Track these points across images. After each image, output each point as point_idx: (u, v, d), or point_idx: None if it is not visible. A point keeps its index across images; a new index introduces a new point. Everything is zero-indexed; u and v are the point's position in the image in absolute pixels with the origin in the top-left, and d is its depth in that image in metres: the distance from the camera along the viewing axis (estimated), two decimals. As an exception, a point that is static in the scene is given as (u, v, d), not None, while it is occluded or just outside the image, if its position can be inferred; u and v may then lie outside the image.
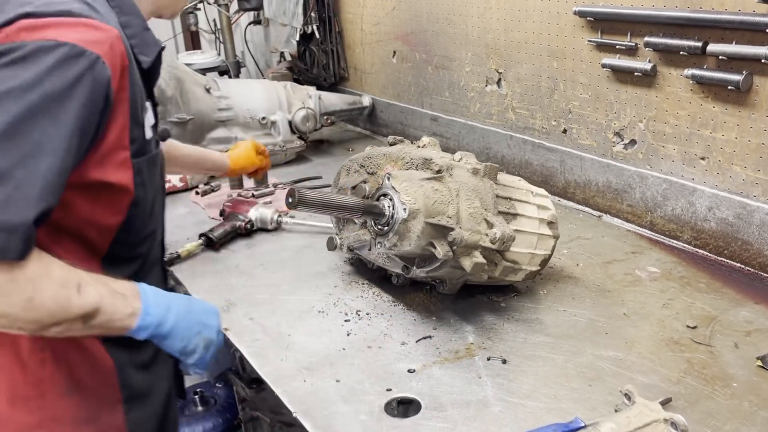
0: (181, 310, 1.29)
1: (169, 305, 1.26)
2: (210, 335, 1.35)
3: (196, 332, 1.31)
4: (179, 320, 1.27)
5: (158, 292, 1.27)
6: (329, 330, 1.68)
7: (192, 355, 1.31)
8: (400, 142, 1.89)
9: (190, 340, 1.30)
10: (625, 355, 1.53)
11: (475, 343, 1.60)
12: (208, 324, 1.35)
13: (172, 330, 1.26)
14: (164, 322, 1.24)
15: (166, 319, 1.24)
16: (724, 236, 1.94)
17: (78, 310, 1.10)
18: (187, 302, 1.33)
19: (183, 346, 1.28)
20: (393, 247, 1.58)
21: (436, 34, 2.88)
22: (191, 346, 1.30)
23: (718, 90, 1.86)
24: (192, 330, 1.30)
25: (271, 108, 2.99)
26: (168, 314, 1.25)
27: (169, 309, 1.26)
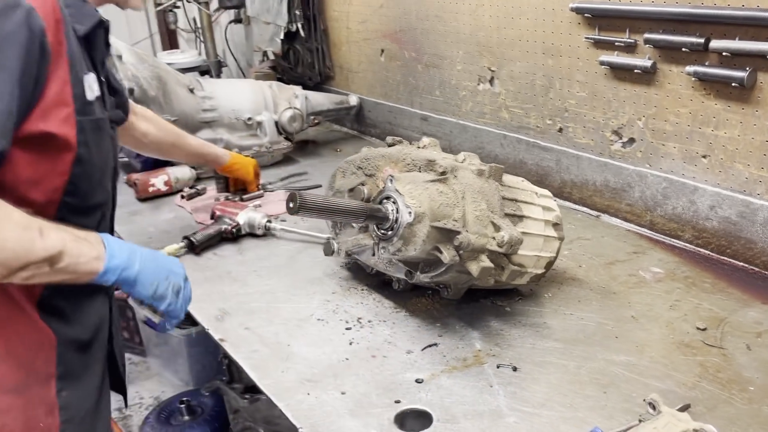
0: (146, 255, 1.33)
1: (132, 250, 1.31)
2: (178, 281, 1.39)
3: (164, 277, 1.35)
4: (145, 264, 1.31)
5: (120, 240, 1.31)
6: (330, 339, 1.61)
7: (163, 300, 1.35)
8: (399, 143, 1.83)
9: (159, 284, 1.34)
10: (638, 359, 1.49)
11: (482, 350, 1.54)
12: (174, 270, 1.40)
13: (140, 273, 1.29)
14: (130, 265, 1.28)
15: (132, 262, 1.28)
16: (726, 235, 1.91)
17: (42, 252, 1.13)
18: (150, 251, 1.37)
19: (153, 290, 1.33)
20: (397, 252, 1.52)
21: (426, 32, 2.82)
22: (161, 291, 1.34)
23: (720, 87, 1.83)
24: (159, 274, 1.34)
25: (257, 108, 2.91)
26: (133, 258, 1.29)
27: (133, 252, 1.30)
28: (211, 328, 1.69)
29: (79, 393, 1.38)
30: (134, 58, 2.59)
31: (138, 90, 2.52)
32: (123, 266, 1.26)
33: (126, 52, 2.58)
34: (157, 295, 1.34)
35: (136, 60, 2.58)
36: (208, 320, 1.73)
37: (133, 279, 1.29)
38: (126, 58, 2.56)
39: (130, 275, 1.28)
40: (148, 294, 1.32)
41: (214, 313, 1.76)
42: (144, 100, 2.54)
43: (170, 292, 1.37)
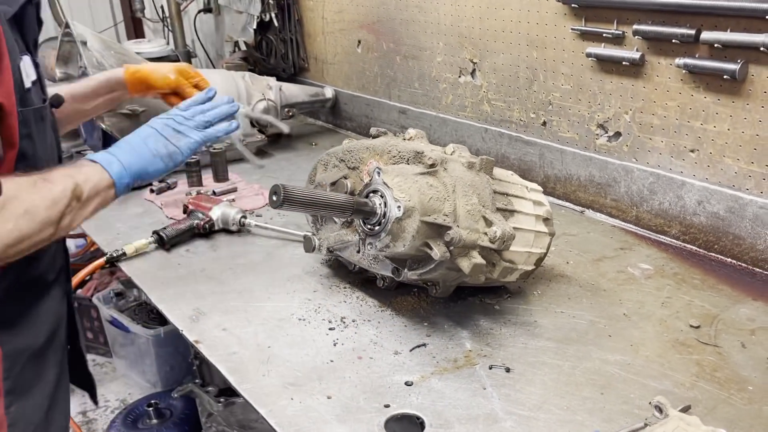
0: (128, 140, 1.44)
1: (116, 149, 1.39)
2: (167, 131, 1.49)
3: (156, 141, 1.46)
4: (134, 147, 1.42)
5: (102, 152, 1.38)
6: (313, 340, 1.53)
7: (175, 155, 1.48)
8: (384, 134, 1.76)
9: (160, 150, 1.45)
10: (633, 358, 1.44)
11: (473, 351, 1.48)
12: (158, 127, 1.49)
13: (139, 157, 1.41)
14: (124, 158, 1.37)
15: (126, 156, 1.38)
16: (714, 231, 1.89)
17: (64, 193, 1.19)
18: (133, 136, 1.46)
19: (163, 164, 1.46)
20: (385, 249, 1.44)
21: (405, 23, 2.75)
22: (165, 151, 1.46)
23: (710, 80, 1.80)
24: (151, 144, 1.45)
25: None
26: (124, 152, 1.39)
27: (119, 149, 1.40)
28: (185, 330, 1.59)
29: (30, 403, 1.28)
30: (99, 45, 2.45)
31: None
32: (126, 162, 1.36)
33: (91, 37, 2.45)
34: (174, 156, 1.47)
35: (101, 47, 2.45)
36: (182, 321, 1.63)
37: (143, 166, 1.40)
38: (91, 44, 2.43)
39: (137, 167, 1.38)
40: (162, 169, 1.45)
41: (189, 313, 1.66)
42: (110, 88, 2.41)
43: (171, 145, 1.47)
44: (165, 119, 1.51)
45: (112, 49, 2.48)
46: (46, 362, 1.33)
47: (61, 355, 1.40)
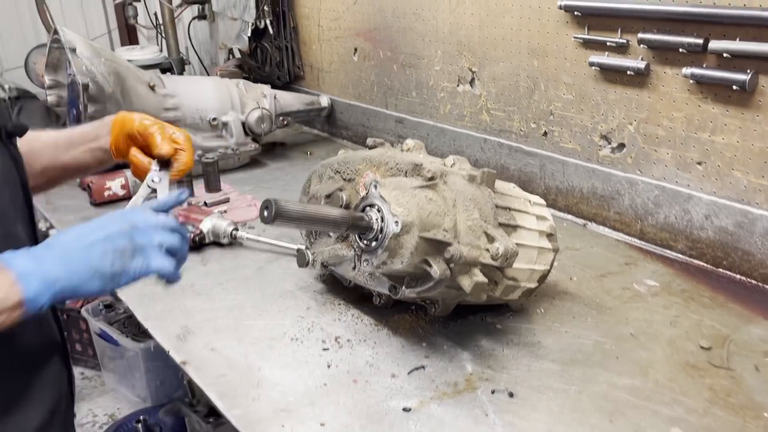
0: (65, 242, 1.03)
1: (45, 253, 1.01)
2: (119, 243, 1.03)
3: (103, 253, 1.02)
4: (70, 255, 1.01)
5: (25, 250, 1.01)
6: (306, 361, 1.46)
7: (123, 276, 1.05)
8: (381, 145, 1.69)
9: (104, 266, 1.02)
10: (642, 382, 1.37)
11: (474, 374, 1.41)
12: (111, 233, 1.04)
13: (72, 272, 1.00)
14: (51, 269, 0.98)
15: (53, 263, 0.99)
16: (722, 246, 1.82)
17: None
18: (74, 231, 1.05)
19: (100, 283, 1.02)
20: (382, 266, 1.37)
21: (402, 31, 2.69)
22: (107, 272, 1.02)
23: (719, 90, 1.74)
24: (96, 257, 1.01)
25: (223, 108, 2.73)
26: (50, 257, 1.00)
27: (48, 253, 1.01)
28: (172, 350, 1.52)
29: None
30: (89, 52, 2.39)
31: (93, 86, 2.32)
32: (49, 279, 0.97)
33: (80, 44, 2.38)
34: (106, 279, 1.02)
35: (91, 54, 2.38)
36: (168, 340, 1.55)
37: (73, 286, 0.99)
38: (80, 51, 2.36)
39: (65, 285, 0.98)
40: (98, 289, 1.02)
41: (176, 331, 1.59)
42: (100, 97, 2.34)
43: (117, 264, 1.02)
44: (127, 219, 1.07)
45: (102, 57, 2.42)
46: (35, 380, 1.19)
47: (64, 429, 1.28)
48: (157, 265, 1.08)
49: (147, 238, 1.07)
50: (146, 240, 1.07)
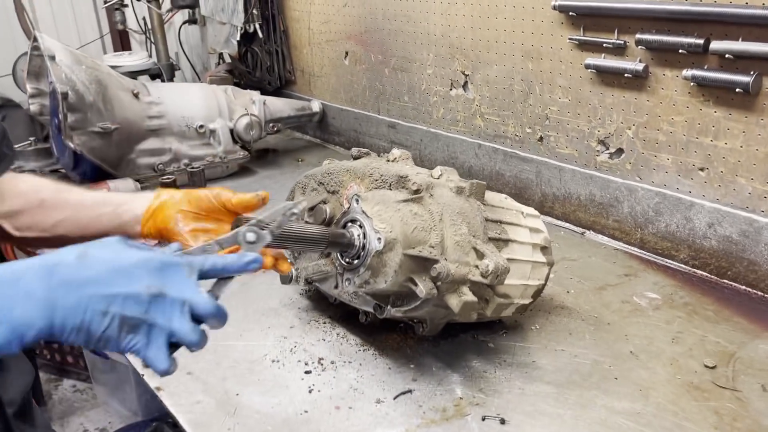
0: (62, 278, 0.81)
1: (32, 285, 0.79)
2: (132, 311, 0.83)
3: (98, 312, 0.81)
4: (62, 308, 0.79)
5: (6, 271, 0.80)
6: (286, 386, 1.38)
7: (108, 344, 0.82)
8: (366, 155, 1.61)
9: (90, 329, 0.80)
10: (643, 406, 1.29)
11: (464, 398, 1.33)
12: (129, 293, 0.83)
13: (54, 326, 0.79)
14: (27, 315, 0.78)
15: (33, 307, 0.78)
16: (727, 256, 1.74)
17: None
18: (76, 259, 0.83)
19: (84, 339, 0.80)
20: (364, 285, 1.29)
21: (393, 33, 2.61)
22: (96, 337, 0.81)
23: (720, 93, 1.66)
24: (88, 312, 0.80)
25: (210, 115, 2.66)
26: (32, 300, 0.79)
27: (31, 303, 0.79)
28: (146, 374, 1.44)
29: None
30: (69, 59, 2.31)
31: (73, 95, 2.25)
32: (21, 327, 0.77)
33: (60, 51, 2.31)
34: (93, 339, 0.81)
35: (71, 61, 2.31)
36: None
37: (50, 334, 0.79)
38: (60, 58, 2.29)
39: (40, 332, 0.78)
40: (76, 343, 0.81)
41: (152, 353, 1.51)
42: (80, 106, 2.27)
43: (113, 330, 0.82)
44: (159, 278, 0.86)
45: (83, 64, 2.34)
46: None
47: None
48: (151, 358, 0.87)
49: (164, 319, 0.85)
50: (162, 321, 0.85)
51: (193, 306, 0.88)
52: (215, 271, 0.94)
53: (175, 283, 0.87)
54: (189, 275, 0.89)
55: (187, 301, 0.87)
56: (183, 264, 0.89)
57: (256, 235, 1.01)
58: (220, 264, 0.94)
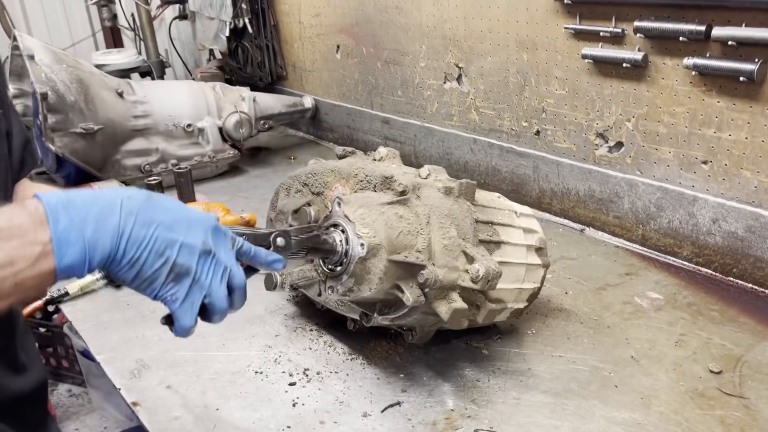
0: (131, 208, 0.83)
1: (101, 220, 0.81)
2: (185, 260, 0.85)
3: (158, 251, 0.83)
4: (128, 232, 0.82)
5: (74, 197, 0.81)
6: (269, 399, 1.31)
7: (152, 283, 0.85)
8: (351, 154, 1.54)
9: (144, 264, 0.83)
10: (644, 416, 1.22)
11: (456, 410, 1.26)
12: (183, 238, 0.85)
13: (117, 250, 0.81)
14: (99, 245, 0.79)
15: (103, 238, 0.80)
16: (732, 252, 1.66)
17: None
18: (146, 199, 0.85)
19: (134, 273, 0.83)
20: (348, 293, 1.22)
21: (385, 25, 2.53)
22: (146, 275, 0.83)
23: (724, 82, 1.58)
24: (149, 246, 0.83)
25: (198, 113, 2.59)
26: (105, 230, 0.80)
27: (103, 224, 0.80)
28: (123, 388, 1.38)
29: None
30: (50, 58, 2.24)
31: (53, 95, 2.18)
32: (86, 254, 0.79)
33: (40, 50, 2.24)
34: (141, 277, 0.84)
35: (51, 60, 2.24)
36: (121, 377, 1.42)
37: (105, 261, 0.81)
38: (39, 57, 2.22)
39: (101, 258, 0.80)
40: (129, 278, 0.84)
41: (131, 366, 1.44)
42: (61, 106, 2.20)
43: (162, 275, 0.84)
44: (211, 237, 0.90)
45: (64, 63, 2.27)
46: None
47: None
48: (182, 313, 0.89)
49: (207, 278, 0.89)
50: (204, 279, 0.88)
51: (232, 275, 0.92)
52: (247, 256, 0.98)
53: (221, 248, 0.91)
54: (231, 248, 0.94)
55: (229, 267, 0.92)
56: (229, 235, 0.94)
57: (285, 241, 1.07)
58: (252, 251, 0.99)
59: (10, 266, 0.75)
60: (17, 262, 0.75)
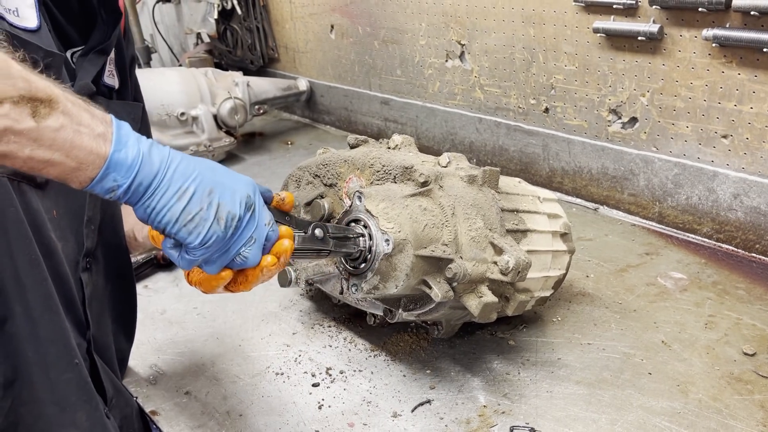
0: (179, 156, 0.84)
1: (155, 145, 0.83)
2: (231, 206, 0.84)
3: (205, 189, 0.82)
4: (176, 163, 0.82)
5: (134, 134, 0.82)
6: (293, 402, 1.27)
7: (193, 230, 0.81)
8: (364, 143, 1.47)
9: (192, 198, 0.81)
10: (683, 404, 1.19)
11: (488, 406, 1.22)
12: (230, 186, 0.85)
13: (165, 176, 0.80)
14: (150, 160, 0.79)
15: (154, 156, 0.80)
16: (755, 228, 1.63)
17: (22, 83, 0.70)
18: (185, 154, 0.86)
19: (181, 207, 0.80)
20: (373, 290, 1.17)
21: (381, 3, 2.45)
22: (194, 211, 0.81)
23: (745, 53, 1.53)
24: (196, 181, 0.81)
25: (191, 101, 2.50)
26: (157, 152, 0.81)
27: (156, 148, 0.82)
28: (140, 397, 1.32)
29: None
30: (35, 50, 2.14)
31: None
32: (137, 158, 0.78)
33: (24, 42, 2.13)
34: (185, 219, 0.81)
35: (37, 52, 2.14)
36: (137, 384, 1.36)
37: (150, 182, 0.79)
38: (24, 50, 2.11)
39: (147, 175, 0.79)
40: (169, 212, 0.80)
41: (146, 372, 1.39)
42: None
43: (209, 219, 0.81)
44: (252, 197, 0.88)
45: (50, 54, 2.17)
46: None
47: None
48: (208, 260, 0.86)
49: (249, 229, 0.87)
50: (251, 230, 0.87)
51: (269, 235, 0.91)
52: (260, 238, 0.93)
53: (260, 208, 0.90)
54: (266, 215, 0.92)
55: (267, 225, 0.90)
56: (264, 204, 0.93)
57: (323, 234, 1.04)
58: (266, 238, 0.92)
59: (77, 123, 0.75)
60: (83, 125, 0.75)
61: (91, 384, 0.98)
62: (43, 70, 0.79)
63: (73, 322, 1.00)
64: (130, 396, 1.17)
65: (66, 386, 0.93)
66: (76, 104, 0.76)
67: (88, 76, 1.13)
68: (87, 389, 0.97)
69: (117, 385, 1.12)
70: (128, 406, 1.14)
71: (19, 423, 0.90)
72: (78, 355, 0.96)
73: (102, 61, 1.17)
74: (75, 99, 0.77)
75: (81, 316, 1.03)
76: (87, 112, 0.77)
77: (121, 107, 1.24)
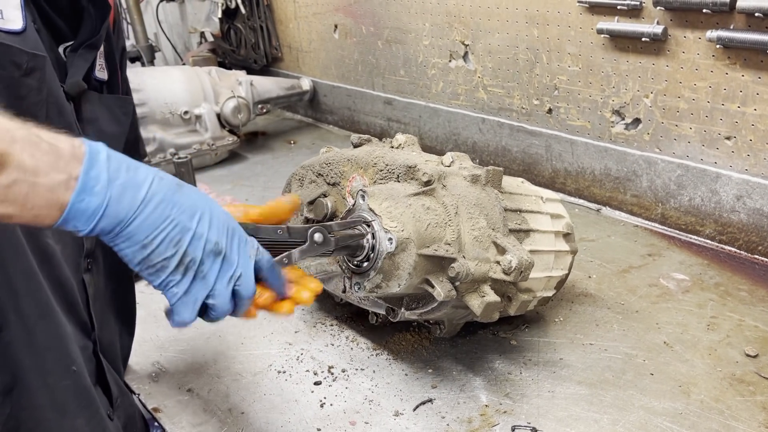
0: (160, 188, 0.79)
1: (133, 181, 0.77)
2: (195, 252, 0.81)
3: (173, 239, 0.79)
4: (150, 208, 0.78)
5: (116, 156, 0.78)
6: (295, 400, 1.27)
7: (154, 274, 0.80)
8: (367, 142, 1.48)
9: (156, 249, 0.78)
10: (685, 405, 1.19)
11: (490, 405, 1.22)
12: (200, 233, 0.81)
13: (131, 223, 0.77)
14: (117, 207, 0.76)
15: (124, 201, 0.76)
16: (758, 230, 1.63)
17: None
18: (176, 185, 0.82)
19: (142, 256, 0.78)
20: (376, 289, 1.17)
21: (385, 3, 2.45)
22: (155, 260, 0.79)
23: (749, 55, 1.53)
24: (165, 231, 0.79)
25: (195, 100, 2.51)
26: (130, 195, 0.77)
27: (130, 190, 0.77)
28: (143, 394, 1.32)
29: None
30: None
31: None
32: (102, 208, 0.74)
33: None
34: (150, 260, 0.78)
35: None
36: (139, 381, 1.36)
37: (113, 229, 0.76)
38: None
39: (110, 222, 0.76)
40: (135, 259, 0.78)
41: (148, 369, 1.39)
42: (54, 97, 2.11)
43: (173, 262, 0.79)
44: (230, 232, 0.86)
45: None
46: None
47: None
48: (181, 306, 0.83)
49: (214, 277, 0.83)
50: (212, 278, 0.83)
51: (240, 281, 0.86)
52: (264, 272, 0.90)
53: (238, 252, 0.86)
54: (251, 255, 0.88)
55: (241, 273, 0.86)
56: (253, 244, 0.89)
57: (323, 237, 1.00)
58: (267, 270, 0.91)
59: (33, 175, 0.71)
60: (40, 176, 0.71)
61: (91, 389, 0.98)
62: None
63: (77, 325, 1.00)
64: (132, 395, 1.17)
65: (64, 393, 0.93)
66: (38, 148, 0.71)
67: (79, 73, 1.12)
68: (86, 395, 0.96)
69: (121, 386, 1.12)
70: (132, 406, 1.15)
71: (20, 428, 0.90)
72: (76, 361, 0.95)
73: (92, 56, 1.16)
74: (39, 139, 0.72)
75: (85, 318, 1.03)
76: (51, 154, 0.72)
77: (113, 101, 1.23)
